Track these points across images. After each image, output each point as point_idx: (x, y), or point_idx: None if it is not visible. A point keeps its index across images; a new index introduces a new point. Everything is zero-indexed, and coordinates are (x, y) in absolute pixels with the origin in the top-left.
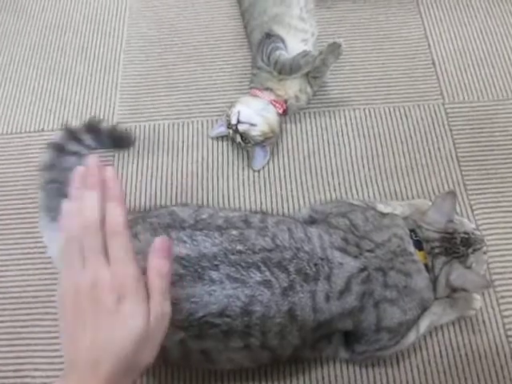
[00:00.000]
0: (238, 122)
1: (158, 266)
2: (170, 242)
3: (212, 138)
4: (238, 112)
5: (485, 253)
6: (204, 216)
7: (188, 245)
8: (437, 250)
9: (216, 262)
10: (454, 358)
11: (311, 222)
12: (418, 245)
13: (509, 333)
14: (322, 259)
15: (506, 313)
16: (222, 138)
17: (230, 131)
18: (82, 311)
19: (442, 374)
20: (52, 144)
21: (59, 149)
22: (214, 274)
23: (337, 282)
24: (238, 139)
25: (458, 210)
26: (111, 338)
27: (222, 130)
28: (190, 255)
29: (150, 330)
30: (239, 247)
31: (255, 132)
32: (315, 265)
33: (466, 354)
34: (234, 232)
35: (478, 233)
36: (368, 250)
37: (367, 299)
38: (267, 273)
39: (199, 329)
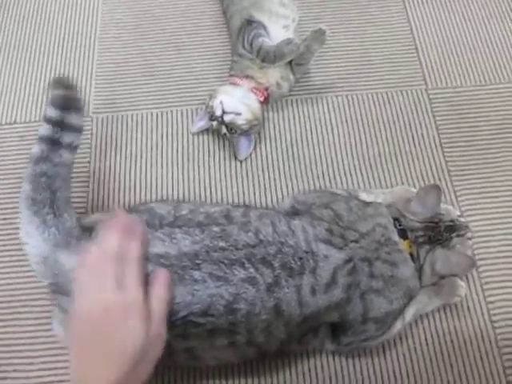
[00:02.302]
0: (224, 112)
1: (160, 294)
2: (170, 274)
3: (193, 134)
4: (221, 102)
5: (469, 239)
6: (184, 212)
7: (167, 243)
8: (421, 240)
9: (198, 261)
10: (439, 345)
11: (294, 213)
12: (403, 234)
13: (493, 318)
14: (306, 252)
15: (490, 299)
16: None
17: (214, 123)
18: (95, 330)
19: (427, 360)
20: (44, 137)
21: (52, 142)
22: (196, 274)
23: (322, 274)
24: (224, 130)
25: (443, 197)
26: (117, 351)
27: (202, 124)
28: (170, 253)
29: (148, 347)
30: (222, 244)
31: (241, 121)
32: (300, 259)
33: (452, 341)
34: (216, 228)
35: (462, 219)
36: (353, 241)
37: (353, 290)
38: (251, 269)
39: (183, 328)
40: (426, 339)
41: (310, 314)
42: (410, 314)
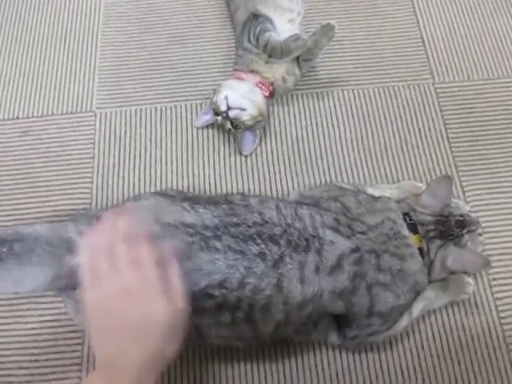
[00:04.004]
0: (228, 108)
1: (174, 268)
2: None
3: (197, 128)
4: (226, 97)
5: (480, 234)
6: (189, 195)
7: (192, 214)
8: (432, 234)
9: (218, 233)
10: (446, 341)
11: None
12: (413, 228)
13: (501, 315)
14: (313, 236)
15: (498, 295)
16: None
17: (218, 118)
18: (116, 314)
19: (435, 357)
20: None
21: None
22: (218, 244)
23: (328, 257)
24: (228, 126)
25: None
26: (142, 332)
27: (207, 118)
28: (195, 224)
29: (173, 323)
30: (235, 220)
31: (246, 117)
32: (306, 239)
33: (459, 337)
34: (224, 206)
35: (472, 215)
36: (360, 232)
37: (359, 282)
38: (262, 245)
39: (198, 302)
40: (433, 335)
41: (312, 296)
42: (417, 309)
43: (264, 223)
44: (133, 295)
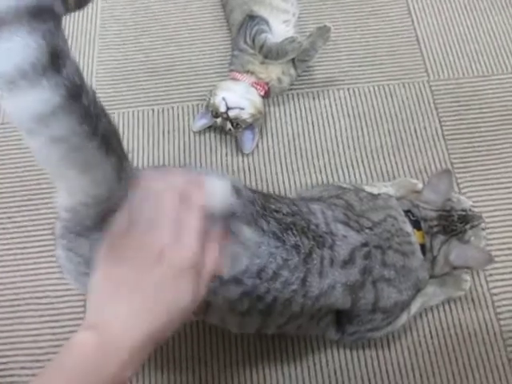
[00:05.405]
0: (228, 108)
1: (215, 256)
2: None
3: (195, 132)
4: (224, 99)
5: (483, 229)
6: None
7: (240, 186)
8: (435, 229)
9: (266, 213)
10: (444, 338)
11: None
12: (416, 224)
13: (498, 310)
14: (326, 233)
15: (494, 290)
16: None
17: (218, 120)
18: (141, 273)
19: (432, 354)
20: None
21: None
22: (265, 225)
23: (340, 252)
24: (229, 126)
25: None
26: (160, 307)
27: (204, 121)
28: (242, 194)
29: (186, 310)
30: (273, 206)
31: (245, 115)
32: (320, 236)
33: (456, 333)
34: (257, 193)
35: (475, 209)
36: (367, 227)
37: (367, 276)
38: (298, 237)
39: (224, 286)
40: (430, 332)
41: (326, 290)
42: (415, 306)
43: (294, 214)
44: (162, 264)
